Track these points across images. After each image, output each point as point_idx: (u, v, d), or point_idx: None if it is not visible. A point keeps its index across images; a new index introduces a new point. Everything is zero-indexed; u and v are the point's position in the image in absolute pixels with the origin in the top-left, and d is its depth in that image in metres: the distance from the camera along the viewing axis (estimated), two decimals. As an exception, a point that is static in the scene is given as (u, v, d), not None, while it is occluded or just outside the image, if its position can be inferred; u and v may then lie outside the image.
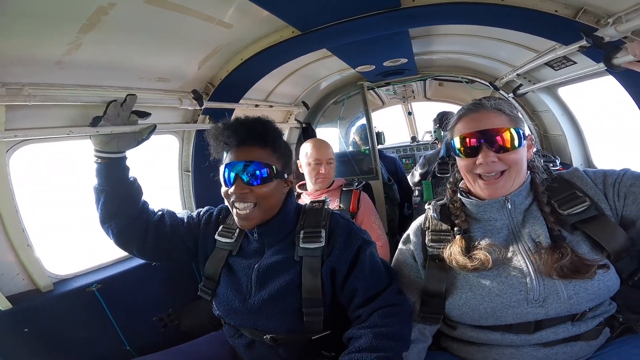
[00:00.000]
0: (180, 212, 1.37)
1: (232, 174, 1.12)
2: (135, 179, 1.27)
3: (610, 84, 1.66)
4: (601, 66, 1.31)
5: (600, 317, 0.98)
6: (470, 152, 1.05)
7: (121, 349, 1.52)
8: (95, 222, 1.26)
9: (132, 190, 1.25)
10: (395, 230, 3.00)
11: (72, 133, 1.32)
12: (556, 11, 1.28)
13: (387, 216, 2.96)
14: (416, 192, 2.96)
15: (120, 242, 1.25)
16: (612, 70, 1.26)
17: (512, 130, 1.01)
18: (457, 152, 1.08)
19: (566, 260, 0.91)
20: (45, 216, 1.63)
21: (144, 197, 1.31)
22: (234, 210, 1.15)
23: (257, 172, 1.12)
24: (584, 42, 1.29)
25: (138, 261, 1.62)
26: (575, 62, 1.74)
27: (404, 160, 5.09)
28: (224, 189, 1.16)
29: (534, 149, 1.11)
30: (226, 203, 1.20)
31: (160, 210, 1.32)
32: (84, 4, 1.07)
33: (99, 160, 1.22)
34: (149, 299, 1.71)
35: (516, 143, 1.01)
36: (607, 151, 2.52)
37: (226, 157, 1.17)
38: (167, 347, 1.32)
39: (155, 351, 1.30)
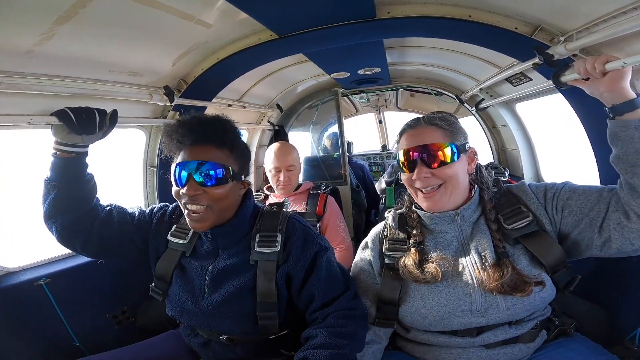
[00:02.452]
0: (132, 207, 1.31)
1: (185, 174, 1.07)
2: (92, 177, 1.19)
3: (559, 101, 1.83)
4: (552, 83, 1.43)
5: (535, 320, 1.07)
6: (409, 166, 1.12)
7: (70, 345, 1.48)
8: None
9: (87, 189, 1.17)
10: (361, 235, 3.04)
11: (33, 121, 1.27)
12: (516, 28, 1.39)
13: (354, 221, 3.02)
14: (383, 199, 3.06)
15: (63, 239, 1.18)
16: (559, 87, 1.36)
17: (446, 146, 1.08)
18: (401, 166, 1.15)
19: (507, 278, 0.98)
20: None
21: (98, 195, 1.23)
22: (186, 211, 1.11)
23: (212, 172, 1.07)
24: (537, 60, 1.40)
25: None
26: (531, 79, 1.89)
27: (373, 168, 5.22)
28: (175, 188, 1.11)
29: (475, 162, 1.17)
30: (178, 203, 1.15)
31: (108, 206, 1.25)
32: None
33: (58, 154, 1.12)
34: (102, 295, 1.65)
35: (448, 158, 1.08)
36: (554, 165, 2.73)
37: (179, 156, 1.11)
38: (121, 345, 1.28)
39: (108, 349, 1.25)
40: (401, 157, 1.14)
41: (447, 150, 1.08)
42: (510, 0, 1.35)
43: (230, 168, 1.10)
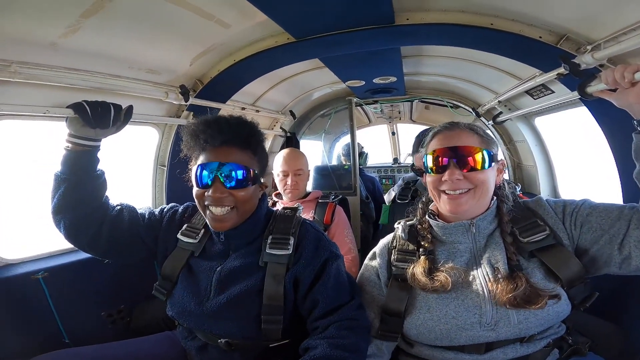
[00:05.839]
0: (142, 207, 1.30)
1: (210, 175, 1.07)
2: (102, 173, 1.19)
3: (582, 115, 1.77)
4: (576, 95, 1.39)
5: (548, 339, 1.02)
6: (439, 168, 1.09)
7: (59, 341, 1.45)
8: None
9: (97, 184, 1.17)
10: (368, 247, 2.94)
11: (49, 112, 1.28)
12: (540, 37, 1.36)
13: (361, 233, 2.97)
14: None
15: (70, 235, 1.16)
16: (585, 99, 1.32)
17: (482, 151, 1.06)
18: (428, 168, 1.12)
19: (520, 291, 0.94)
20: (1, 196, 1.54)
21: (107, 192, 1.22)
22: (207, 211, 1.10)
23: (237, 173, 1.08)
24: (561, 69, 1.36)
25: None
26: (553, 92, 1.84)
27: (384, 181, 5.16)
28: (197, 190, 1.10)
29: (504, 175, 1.16)
30: (197, 204, 1.13)
31: (119, 205, 1.24)
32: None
33: (70, 147, 1.13)
34: (99, 293, 1.62)
35: (484, 164, 1.06)
36: (574, 182, 2.64)
37: (201, 157, 1.11)
38: None
39: None
40: (429, 159, 1.11)
41: (482, 156, 1.06)
42: (534, 9, 1.33)
43: (253, 170, 1.11)
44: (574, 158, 2.67)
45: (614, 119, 1.45)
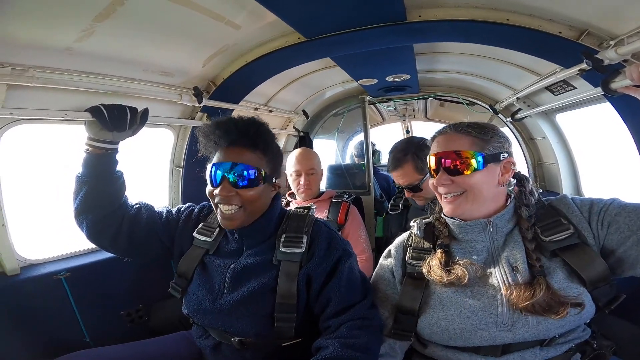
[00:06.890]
0: (159, 207, 1.34)
1: (219, 174, 1.11)
2: (121, 174, 1.24)
3: (606, 111, 1.69)
4: (599, 91, 1.33)
5: (570, 343, 0.98)
6: (435, 172, 1.09)
7: (80, 340, 1.50)
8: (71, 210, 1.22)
9: (117, 185, 1.22)
10: (382, 246, 2.93)
11: (67, 116, 1.32)
12: (560, 33, 1.31)
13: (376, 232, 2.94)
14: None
15: (93, 235, 1.22)
16: (609, 95, 1.27)
17: (470, 154, 1.03)
18: (430, 170, 1.13)
19: (539, 298, 0.91)
20: (25, 198, 1.60)
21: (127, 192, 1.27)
22: (218, 209, 1.14)
23: (244, 173, 1.11)
24: (584, 65, 1.30)
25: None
26: (574, 87, 1.77)
27: (398, 178, 5.07)
28: (209, 188, 1.15)
29: (512, 174, 1.10)
30: (210, 202, 1.18)
31: (137, 204, 1.29)
32: (102, -7, 1.09)
33: (90, 150, 1.18)
34: (118, 292, 1.67)
35: (470, 168, 1.03)
36: (598, 181, 2.53)
37: (214, 157, 1.16)
38: None
39: None
40: (430, 162, 1.11)
41: (471, 160, 1.04)
42: (553, 4, 1.28)
43: (262, 170, 1.14)
44: (598, 155, 2.56)
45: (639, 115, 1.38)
